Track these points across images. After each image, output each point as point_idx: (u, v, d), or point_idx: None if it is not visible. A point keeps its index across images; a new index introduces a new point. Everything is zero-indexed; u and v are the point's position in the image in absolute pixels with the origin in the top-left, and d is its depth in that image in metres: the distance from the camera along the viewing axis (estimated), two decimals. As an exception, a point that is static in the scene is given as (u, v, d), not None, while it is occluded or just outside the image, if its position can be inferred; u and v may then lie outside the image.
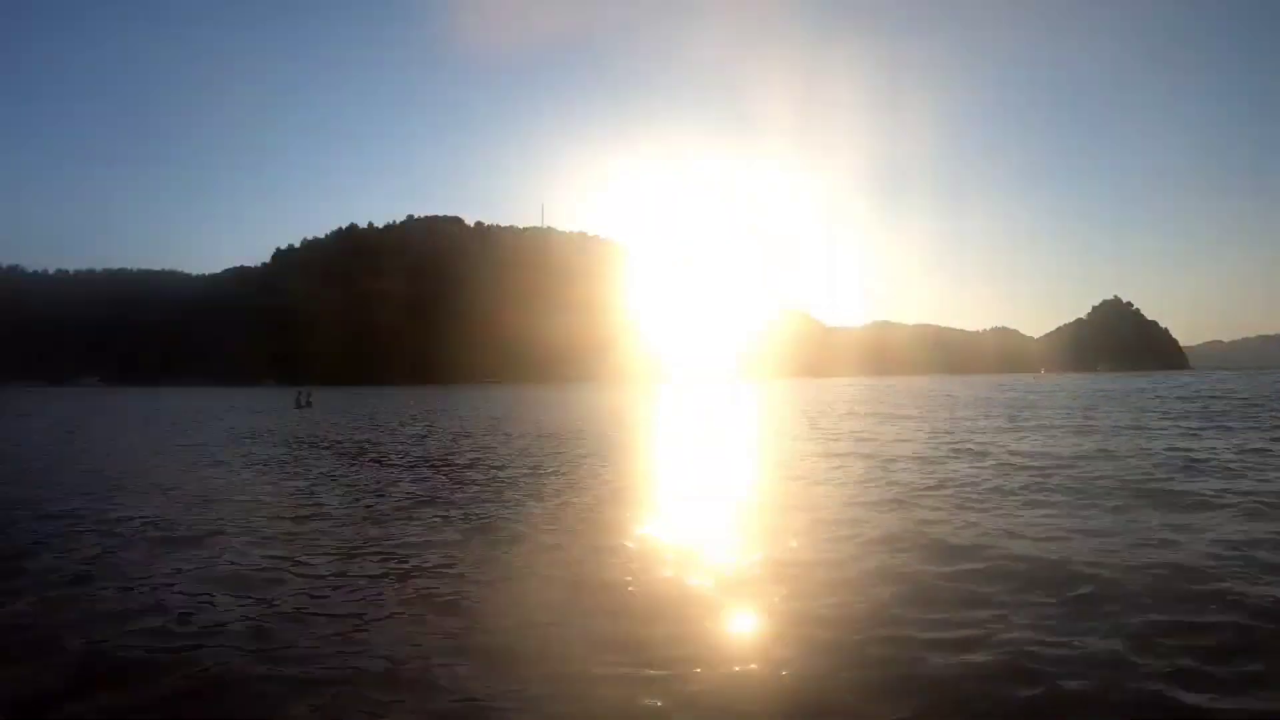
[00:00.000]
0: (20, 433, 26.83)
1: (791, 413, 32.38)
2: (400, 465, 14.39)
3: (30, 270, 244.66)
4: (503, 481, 11.77)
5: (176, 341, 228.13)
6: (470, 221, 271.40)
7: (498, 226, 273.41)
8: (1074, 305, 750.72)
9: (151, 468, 14.70)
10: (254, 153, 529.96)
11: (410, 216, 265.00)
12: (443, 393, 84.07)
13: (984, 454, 14.22)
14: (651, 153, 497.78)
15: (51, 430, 27.25)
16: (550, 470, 13.07)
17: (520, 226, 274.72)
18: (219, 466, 14.72)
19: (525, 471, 12.90)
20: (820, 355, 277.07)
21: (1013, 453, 14.32)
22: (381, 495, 10.65)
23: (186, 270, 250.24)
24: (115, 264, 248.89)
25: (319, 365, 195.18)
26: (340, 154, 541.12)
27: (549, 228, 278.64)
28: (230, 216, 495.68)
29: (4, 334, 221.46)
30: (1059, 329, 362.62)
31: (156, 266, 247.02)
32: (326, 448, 18.36)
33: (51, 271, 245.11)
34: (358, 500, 10.29)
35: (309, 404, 44.34)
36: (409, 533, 7.97)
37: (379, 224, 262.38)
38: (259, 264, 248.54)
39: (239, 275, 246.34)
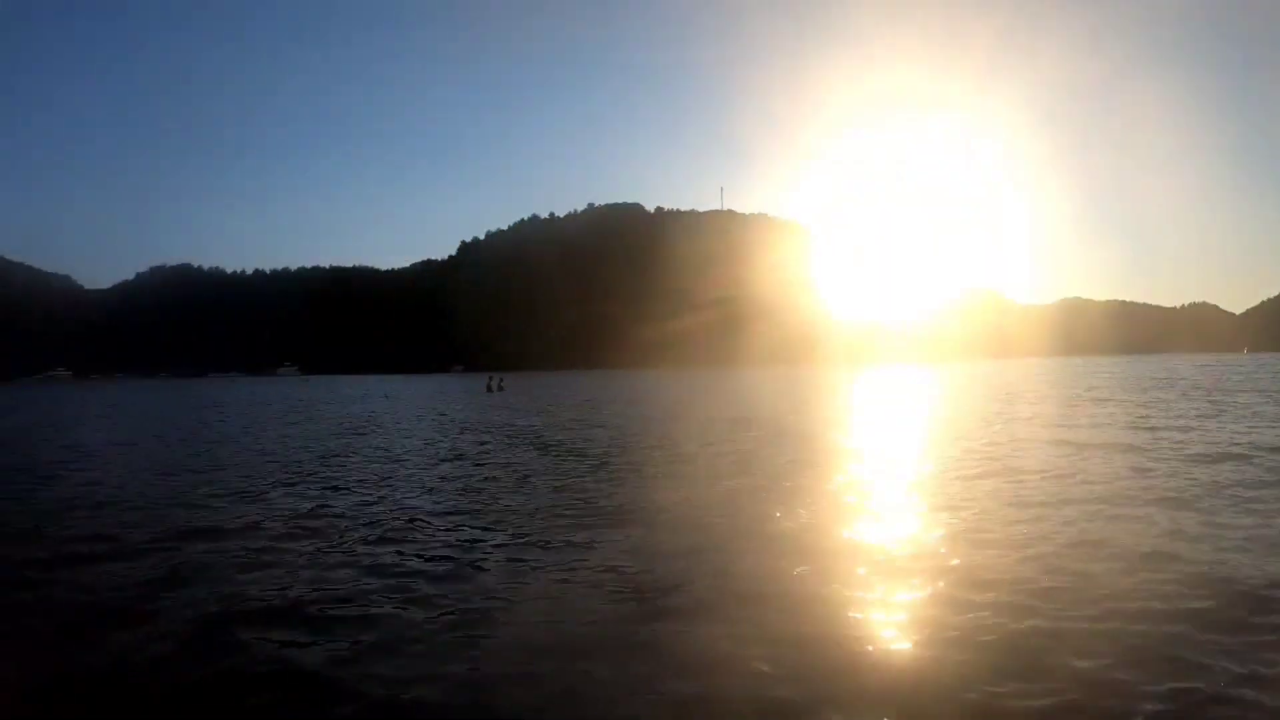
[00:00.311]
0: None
1: (1015, 397, 28.74)
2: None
3: (229, 271, 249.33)
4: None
5: (367, 332, 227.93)
6: (650, 207, 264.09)
7: (677, 211, 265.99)
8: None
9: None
10: (439, 150, 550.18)
11: (590, 205, 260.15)
12: (625, 376, 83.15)
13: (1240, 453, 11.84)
14: (831, 129, 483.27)
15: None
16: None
17: (700, 210, 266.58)
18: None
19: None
20: (1006, 334, 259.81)
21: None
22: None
23: (376, 266, 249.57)
24: (309, 263, 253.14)
25: (504, 352, 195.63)
26: (523, 146, 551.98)
27: (729, 210, 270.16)
28: (417, 213, 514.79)
29: (206, 330, 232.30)
30: (1263, 304, 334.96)
31: (348, 263, 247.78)
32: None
33: (249, 271, 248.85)
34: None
35: (501, 388, 44.53)
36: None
37: (560, 214, 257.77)
38: (445, 257, 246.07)
39: (425, 268, 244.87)
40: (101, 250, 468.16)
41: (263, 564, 6.38)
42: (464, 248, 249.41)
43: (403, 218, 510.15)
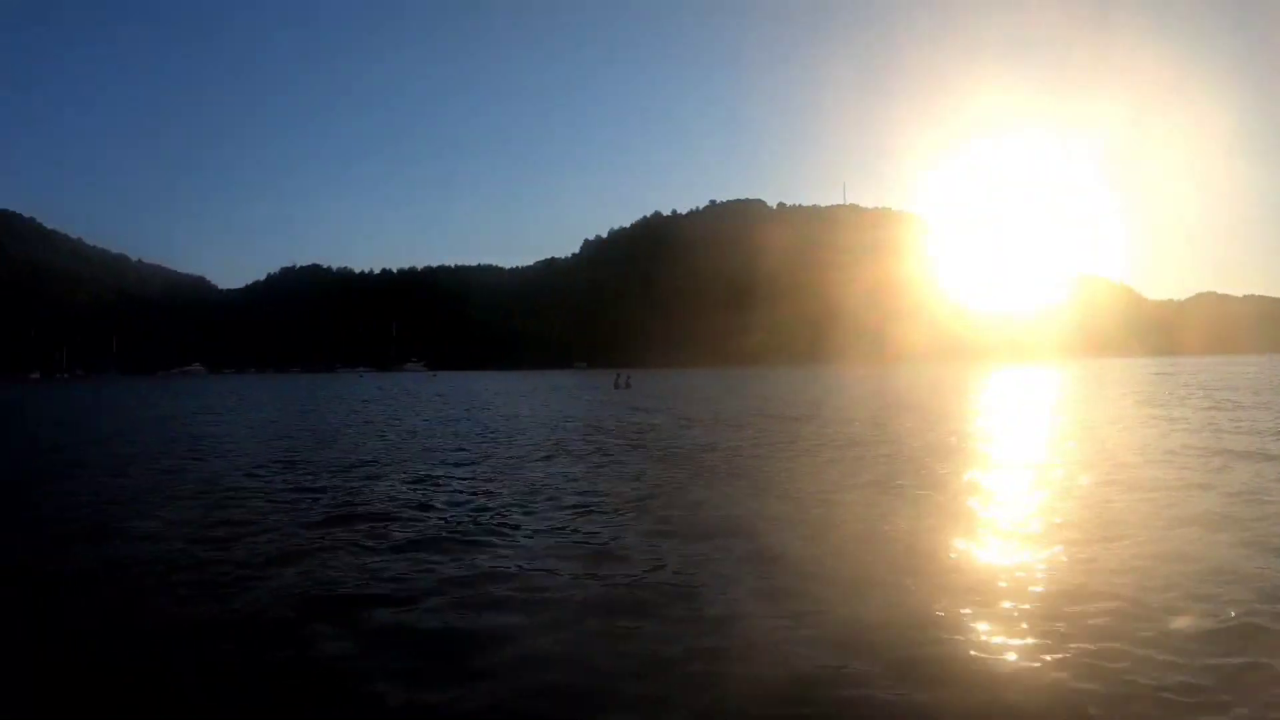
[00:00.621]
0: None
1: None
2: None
3: (357, 271, 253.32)
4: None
5: (491, 329, 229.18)
6: (772, 203, 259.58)
7: (799, 206, 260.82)
8: None
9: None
10: (563, 150, 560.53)
11: (712, 202, 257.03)
12: (746, 374, 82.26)
13: None
14: (952, 120, 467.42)
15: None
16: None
17: (822, 205, 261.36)
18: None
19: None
20: (1138, 331, 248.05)
21: None
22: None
23: (500, 264, 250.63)
24: (434, 262, 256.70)
25: (626, 349, 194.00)
26: (644, 144, 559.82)
27: (851, 204, 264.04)
28: (540, 212, 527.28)
29: (334, 327, 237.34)
30: None
31: (472, 263, 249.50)
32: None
33: (376, 271, 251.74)
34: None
35: (628, 385, 44.41)
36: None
37: (682, 211, 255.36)
38: (568, 255, 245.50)
39: (549, 266, 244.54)
40: (235, 253, 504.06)
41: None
42: (587, 245, 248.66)
43: (526, 217, 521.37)
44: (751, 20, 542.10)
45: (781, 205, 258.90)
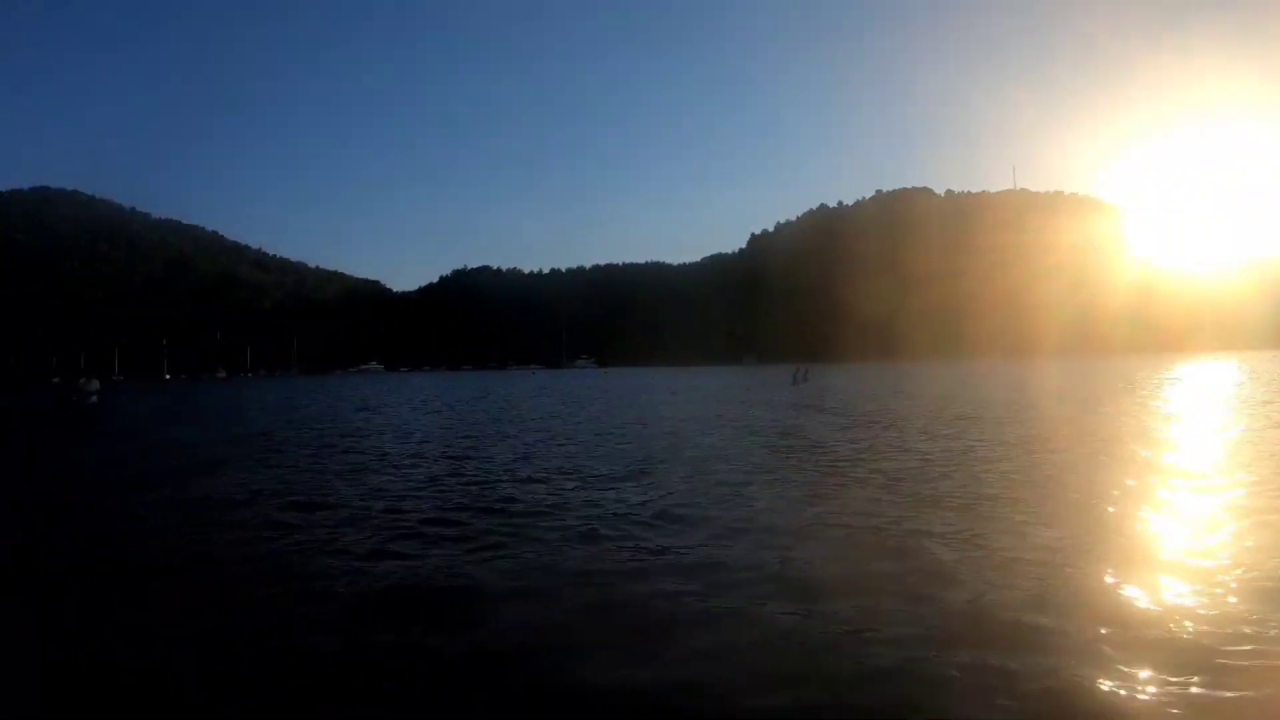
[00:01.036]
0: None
1: None
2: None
3: (526, 271, 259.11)
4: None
5: (659, 325, 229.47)
6: (939, 190, 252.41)
7: (968, 194, 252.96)
8: None
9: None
10: (725, 145, 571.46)
11: (878, 191, 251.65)
12: (923, 369, 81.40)
13: None
14: (1135, 94, 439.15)
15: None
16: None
17: (991, 191, 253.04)
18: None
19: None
20: None
21: None
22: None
23: (668, 261, 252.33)
24: (602, 261, 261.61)
25: (797, 343, 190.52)
26: (808, 135, 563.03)
27: (1022, 189, 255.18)
28: (708, 208, 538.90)
29: (508, 325, 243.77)
30: None
31: (640, 260, 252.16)
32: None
33: (545, 271, 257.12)
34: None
35: (806, 380, 44.61)
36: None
37: (848, 202, 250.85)
38: (735, 250, 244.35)
39: (716, 262, 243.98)
40: (408, 257, 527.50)
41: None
42: (754, 240, 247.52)
43: (692, 213, 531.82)
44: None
45: (949, 192, 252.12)
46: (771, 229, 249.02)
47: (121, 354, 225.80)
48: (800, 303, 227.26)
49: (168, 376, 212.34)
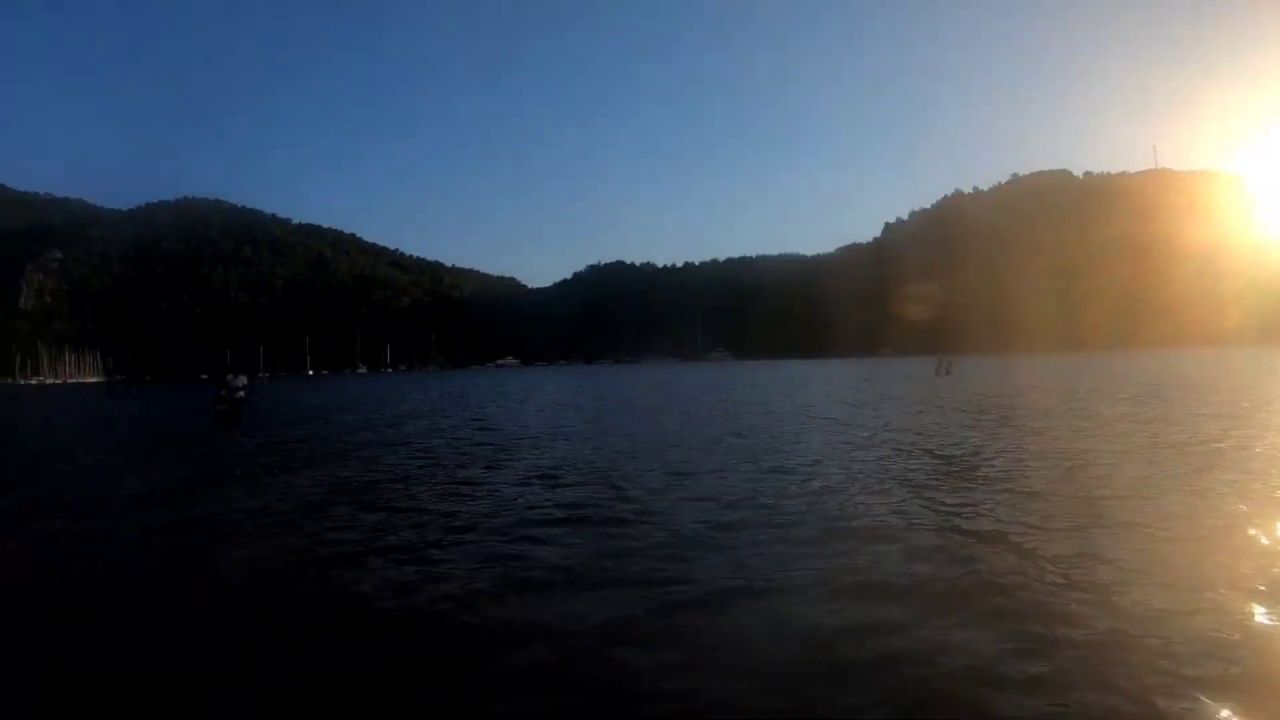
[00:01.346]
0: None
1: None
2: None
3: (660, 265, 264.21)
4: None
5: (794, 316, 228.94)
6: (1077, 172, 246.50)
7: (1107, 175, 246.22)
8: None
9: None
10: (855, 133, 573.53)
11: (1014, 176, 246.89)
12: (1068, 360, 77.62)
13: None
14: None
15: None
16: None
17: (1131, 172, 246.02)
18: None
19: None
20: None
21: None
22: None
23: (800, 252, 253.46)
24: (735, 253, 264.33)
25: (934, 334, 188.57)
26: (940, 118, 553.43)
27: (1164, 169, 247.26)
28: (837, 197, 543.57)
29: (643, 319, 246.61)
30: None
31: (774, 252, 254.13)
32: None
33: (679, 264, 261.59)
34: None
35: (949, 373, 43.52)
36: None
37: (984, 187, 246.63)
38: (869, 239, 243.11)
39: (850, 252, 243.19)
40: (543, 254, 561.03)
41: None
42: (888, 228, 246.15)
43: (823, 203, 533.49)
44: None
45: (1088, 174, 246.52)
46: (905, 216, 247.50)
47: (266, 352, 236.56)
48: (938, 291, 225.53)
49: (310, 373, 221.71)
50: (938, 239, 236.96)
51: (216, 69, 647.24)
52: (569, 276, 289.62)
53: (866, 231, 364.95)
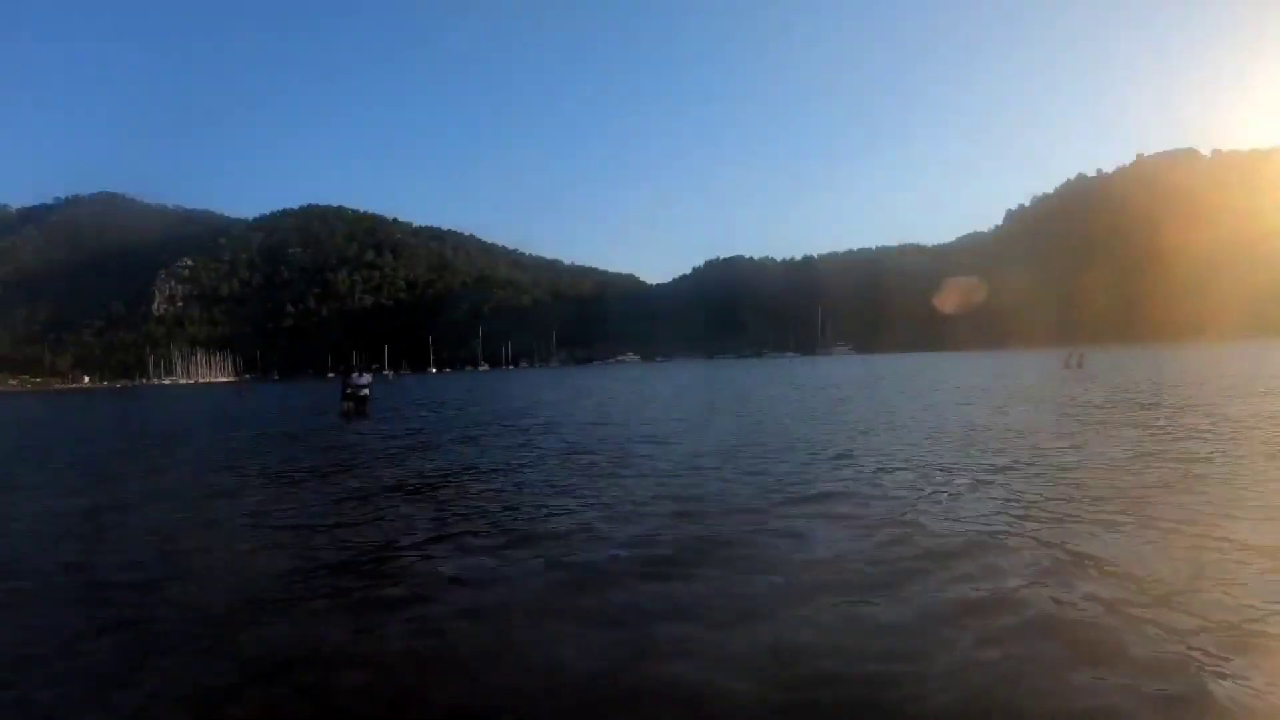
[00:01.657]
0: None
1: None
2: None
3: (779, 259, 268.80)
4: None
5: (916, 310, 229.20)
6: (1205, 151, 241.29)
7: (1238, 153, 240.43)
8: None
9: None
10: (978, 119, 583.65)
11: (1139, 155, 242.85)
12: (1207, 351, 71.21)
13: None
14: None
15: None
16: None
17: (1263, 148, 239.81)
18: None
19: None
20: None
21: None
22: None
23: (922, 243, 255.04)
24: (855, 245, 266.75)
25: (1062, 325, 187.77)
26: (1062, 99, 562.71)
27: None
28: (961, 184, 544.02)
29: (763, 313, 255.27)
30: None
31: (892, 244, 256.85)
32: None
33: (798, 258, 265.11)
34: None
35: (1079, 365, 43.01)
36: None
37: (1107, 169, 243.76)
38: (991, 228, 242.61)
39: (971, 242, 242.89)
40: (662, 250, 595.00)
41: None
42: (1009, 216, 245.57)
43: (945, 191, 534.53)
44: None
45: (1216, 152, 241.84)
46: (1027, 203, 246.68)
47: (391, 351, 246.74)
48: (1064, 281, 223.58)
49: (433, 370, 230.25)
50: (1061, 226, 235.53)
51: (337, 83, 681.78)
52: (688, 272, 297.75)
53: (988, 220, 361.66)
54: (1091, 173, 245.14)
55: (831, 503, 7.92)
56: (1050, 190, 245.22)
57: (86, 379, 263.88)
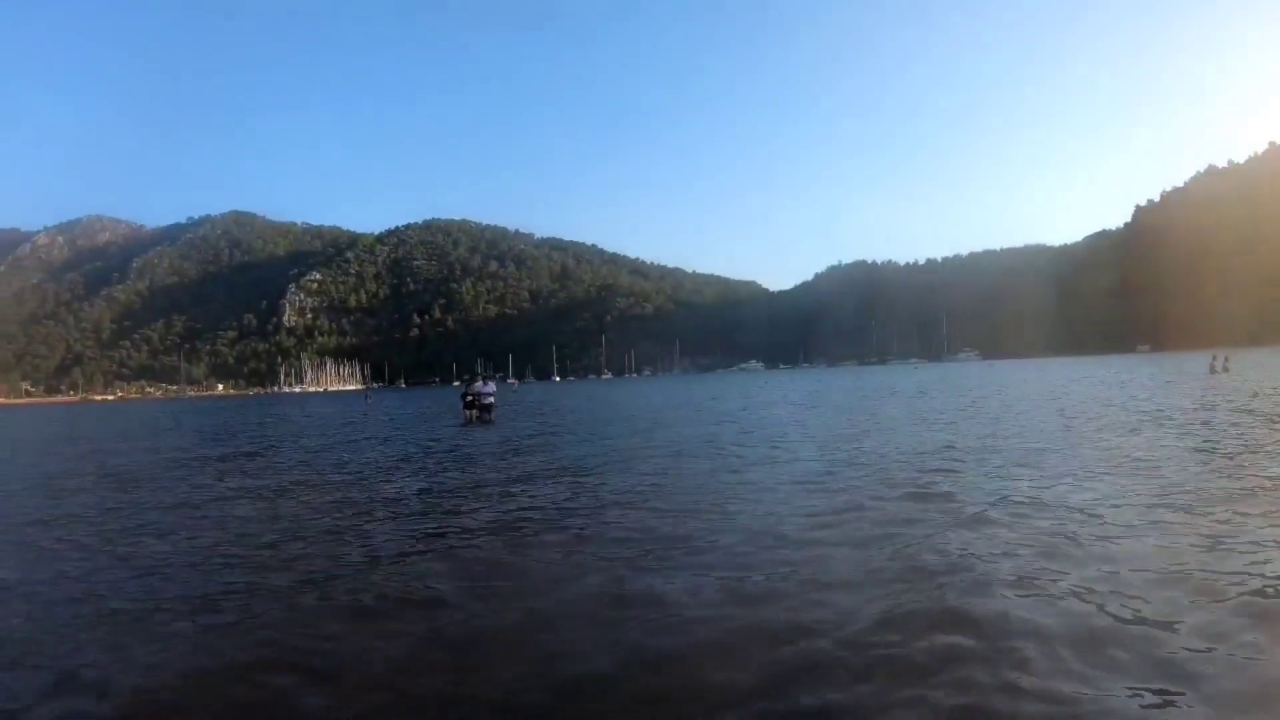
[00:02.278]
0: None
1: None
2: None
3: (902, 263, 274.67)
4: None
5: (1041, 312, 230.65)
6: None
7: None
8: None
9: None
10: (1103, 112, 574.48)
11: (1272, 144, 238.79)
12: None
13: None
14: None
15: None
16: None
17: None
18: None
19: None
20: None
21: None
22: None
23: (1047, 243, 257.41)
24: (979, 247, 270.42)
25: (1198, 327, 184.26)
26: (1192, 89, 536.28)
27: None
28: (1086, 179, 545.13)
29: (886, 319, 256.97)
30: None
31: (1017, 244, 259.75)
32: None
33: (920, 262, 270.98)
34: None
35: (1226, 370, 40.99)
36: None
37: (1239, 159, 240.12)
38: (1119, 226, 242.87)
39: (1099, 240, 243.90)
40: (784, 257, 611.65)
41: None
42: (1139, 213, 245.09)
43: (1069, 185, 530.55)
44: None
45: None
46: (1157, 199, 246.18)
47: (515, 360, 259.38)
48: (1195, 282, 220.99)
49: (556, 378, 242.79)
50: (1192, 221, 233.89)
51: (459, 100, 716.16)
52: (810, 278, 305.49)
53: (1116, 217, 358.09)
54: (1223, 163, 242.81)
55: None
56: (1180, 184, 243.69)
57: (220, 387, 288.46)
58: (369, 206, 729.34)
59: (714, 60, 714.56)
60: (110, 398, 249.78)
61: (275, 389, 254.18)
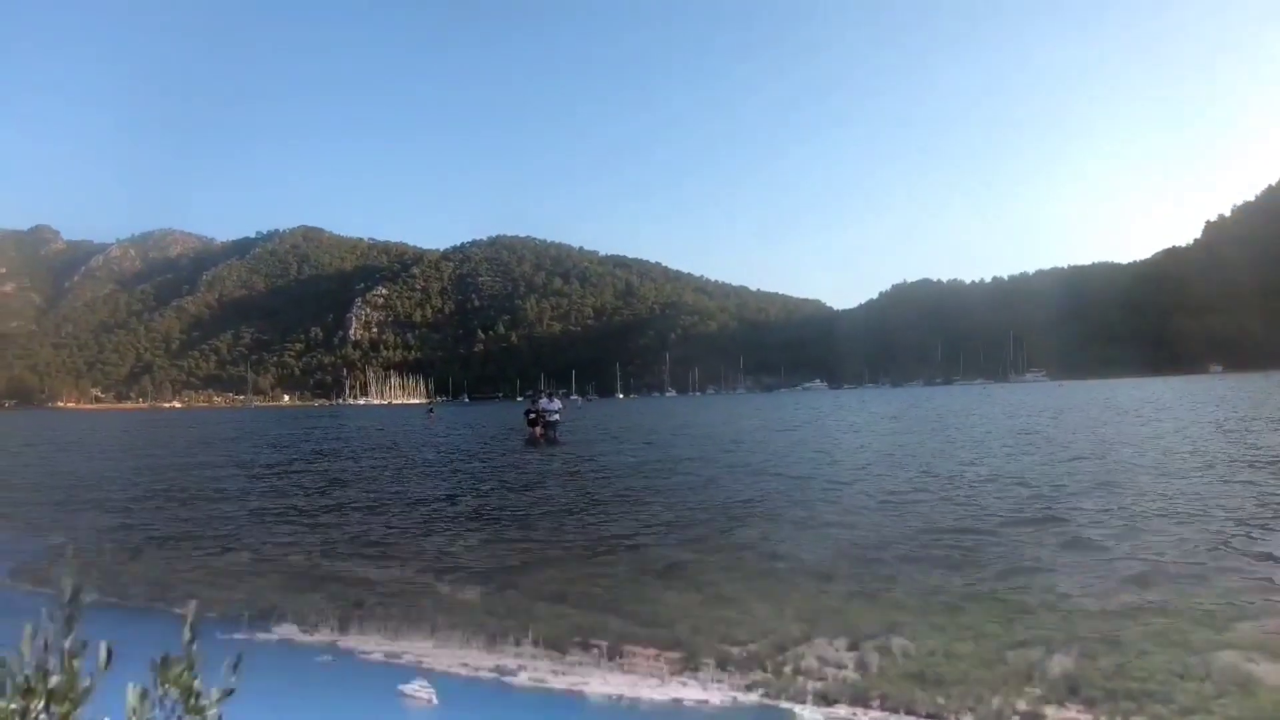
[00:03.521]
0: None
1: None
2: None
3: (968, 281, 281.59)
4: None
5: (1112, 331, 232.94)
6: None
7: None
8: None
9: None
10: (1172, 127, 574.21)
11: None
12: None
13: None
14: None
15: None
16: None
17: None
18: None
19: None
20: None
21: None
22: None
23: (1115, 260, 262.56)
24: (1045, 265, 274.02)
25: (1266, 347, 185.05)
26: (1258, 102, 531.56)
27: None
28: (1151, 194, 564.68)
29: (952, 338, 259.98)
30: None
31: (1085, 261, 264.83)
32: None
33: (987, 280, 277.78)
34: None
35: None
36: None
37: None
38: (1190, 242, 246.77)
39: (1170, 257, 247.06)
40: (849, 275, 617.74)
41: None
42: (1210, 228, 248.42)
43: (1134, 202, 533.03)
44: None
45: None
46: (1228, 214, 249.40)
47: (579, 377, 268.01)
48: (1270, 299, 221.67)
49: (620, 395, 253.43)
50: (1265, 237, 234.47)
51: (525, 121, 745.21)
52: (874, 296, 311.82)
53: (1186, 234, 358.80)
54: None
55: None
56: (1253, 198, 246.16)
57: (286, 398, 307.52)
58: (435, 223, 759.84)
59: (777, 86, 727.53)
60: (178, 405, 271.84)
61: (340, 400, 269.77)
